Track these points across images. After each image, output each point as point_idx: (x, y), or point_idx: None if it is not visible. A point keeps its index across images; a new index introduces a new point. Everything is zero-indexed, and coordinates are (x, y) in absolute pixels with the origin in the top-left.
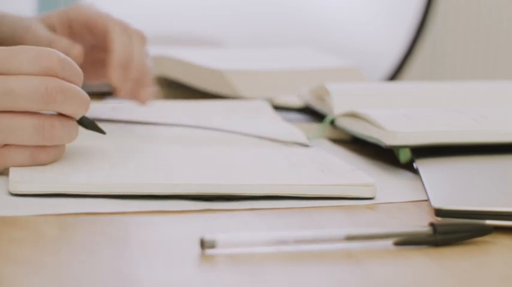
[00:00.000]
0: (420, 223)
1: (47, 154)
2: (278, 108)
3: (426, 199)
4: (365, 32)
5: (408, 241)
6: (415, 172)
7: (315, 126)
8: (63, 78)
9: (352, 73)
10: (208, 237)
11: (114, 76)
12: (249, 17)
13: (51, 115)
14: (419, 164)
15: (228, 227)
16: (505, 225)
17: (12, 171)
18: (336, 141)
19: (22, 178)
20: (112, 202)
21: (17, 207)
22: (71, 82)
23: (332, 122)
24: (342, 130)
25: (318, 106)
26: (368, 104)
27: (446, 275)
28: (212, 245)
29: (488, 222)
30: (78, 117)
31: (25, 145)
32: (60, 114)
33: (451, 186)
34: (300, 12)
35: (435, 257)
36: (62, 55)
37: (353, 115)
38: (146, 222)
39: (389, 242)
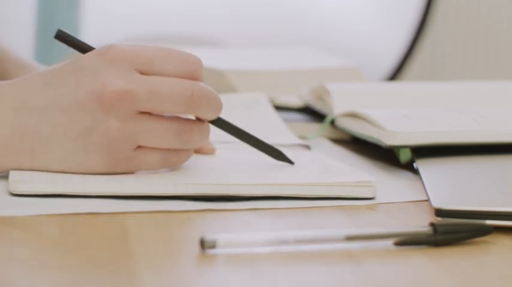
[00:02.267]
0: (420, 223)
1: (178, 157)
2: (278, 108)
3: (426, 199)
4: (365, 32)
5: (408, 241)
6: (415, 172)
7: (315, 126)
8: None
9: (352, 73)
10: (208, 237)
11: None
12: (249, 17)
13: (188, 119)
14: (420, 164)
15: (228, 227)
16: (505, 225)
17: (12, 171)
18: (336, 141)
19: (22, 178)
20: (112, 202)
21: (17, 207)
22: None
23: (332, 122)
24: (342, 130)
25: (318, 106)
26: (368, 104)
27: (446, 275)
28: (212, 245)
29: (488, 222)
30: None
31: (159, 147)
32: (196, 118)
33: (451, 186)
34: (300, 12)
35: (435, 257)
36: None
37: (353, 115)
38: (146, 222)
39: (389, 242)
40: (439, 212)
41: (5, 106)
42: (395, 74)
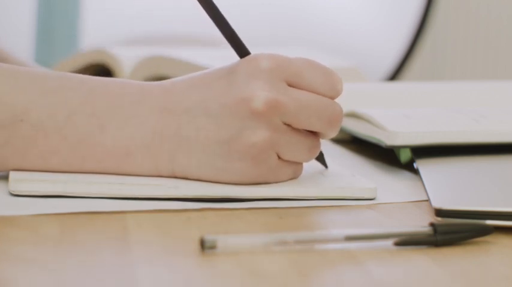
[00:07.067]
0: (420, 223)
1: (300, 171)
2: None
3: (426, 199)
4: (365, 32)
5: (408, 241)
6: (415, 172)
7: None
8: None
9: (352, 73)
10: (208, 237)
11: None
12: (248, 17)
13: (314, 134)
14: (420, 164)
15: (228, 227)
16: (505, 225)
17: (12, 171)
18: (336, 141)
19: (22, 178)
20: (112, 201)
21: (17, 207)
22: None
23: None
24: (342, 130)
25: None
26: (368, 104)
27: (447, 275)
28: (212, 245)
29: (489, 222)
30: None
31: (293, 160)
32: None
33: (451, 186)
34: (301, 12)
35: (435, 257)
36: None
37: (353, 115)
38: (146, 222)
39: (389, 242)
40: (439, 212)
41: (149, 107)
42: (395, 74)
